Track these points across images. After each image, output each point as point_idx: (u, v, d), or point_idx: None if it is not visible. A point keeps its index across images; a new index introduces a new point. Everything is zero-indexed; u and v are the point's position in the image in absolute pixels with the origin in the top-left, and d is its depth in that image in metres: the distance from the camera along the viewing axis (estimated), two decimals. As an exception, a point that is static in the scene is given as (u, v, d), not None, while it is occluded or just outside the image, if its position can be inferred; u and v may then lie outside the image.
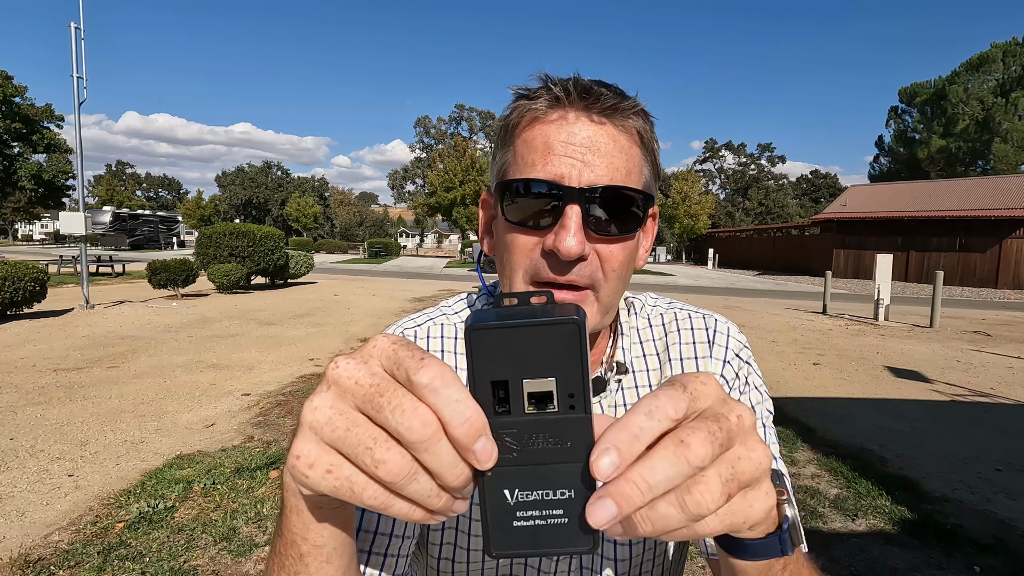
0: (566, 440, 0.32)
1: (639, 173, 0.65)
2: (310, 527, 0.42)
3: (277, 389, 5.47)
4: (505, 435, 0.32)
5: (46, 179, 40.25)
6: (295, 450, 0.33)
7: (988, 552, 2.87)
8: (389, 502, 0.31)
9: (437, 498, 0.31)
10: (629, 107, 0.64)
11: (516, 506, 0.33)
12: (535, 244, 0.62)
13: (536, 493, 0.33)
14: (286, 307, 11.49)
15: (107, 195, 70.21)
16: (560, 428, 0.32)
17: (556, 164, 0.61)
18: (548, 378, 0.32)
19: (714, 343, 0.76)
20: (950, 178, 34.51)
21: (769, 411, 0.75)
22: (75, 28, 9.70)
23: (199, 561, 2.60)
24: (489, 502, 0.33)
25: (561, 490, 0.33)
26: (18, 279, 8.46)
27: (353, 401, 0.32)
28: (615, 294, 0.65)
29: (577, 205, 0.59)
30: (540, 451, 0.32)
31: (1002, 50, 41.61)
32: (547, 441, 0.32)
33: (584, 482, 0.33)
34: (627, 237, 0.64)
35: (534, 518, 0.33)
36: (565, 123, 0.62)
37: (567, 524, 0.33)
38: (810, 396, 5.82)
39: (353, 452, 0.31)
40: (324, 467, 0.32)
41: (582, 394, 0.32)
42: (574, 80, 0.64)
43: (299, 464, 0.32)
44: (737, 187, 66.83)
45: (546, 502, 0.33)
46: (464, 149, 42.52)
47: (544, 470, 0.33)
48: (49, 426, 4.27)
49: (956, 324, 11.91)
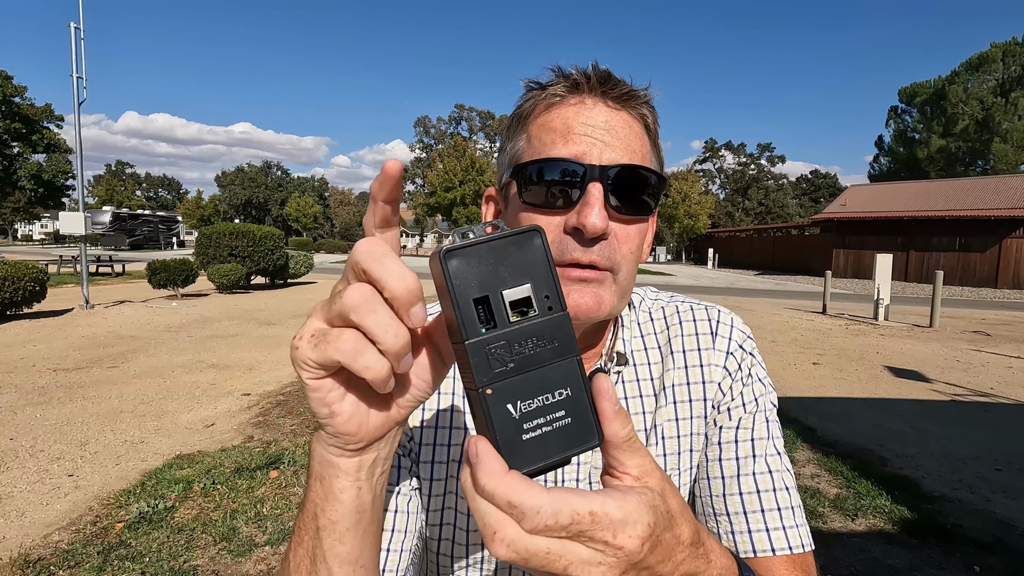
0: (552, 340, 0.34)
1: (650, 160, 0.67)
2: (328, 498, 0.44)
3: (277, 389, 5.47)
4: (497, 348, 0.34)
5: (46, 179, 40.25)
6: (299, 330, 0.37)
7: (988, 552, 2.87)
8: (359, 347, 0.34)
9: (395, 337, 0.34)
10: (641, 97, 0.66)
11: (522, 418, 0.34)
12: (557, 224, 0.62)
13: (537, 400, 0.34)
14: (286, 307, 11.49)
15: (107, 195, 70.20)
16: (544, 329, 0.34)
17: (577, 143, 0.61)
18: (523, 284, 0.34)
19: (717, 334, 0.76)
20: (950, 178, 34.48)
21: (773, 403, 0.74)
22: (75, 28, 9.70)
23: (199, 561, 2.60)
24: (496, 421, 0.34)
25: (559, 390, 0.35)
26: (18, 279, 8.46)
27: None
28: (630, 278, 0.66)
29: (599, 183, 0.60)
30: (531, 356, 0.34)
31: (1002, 50, 41.62)
32: (536, 344, 0.34)
33: (577, 376, 0.35)
34: (642, 219, 0.65)
35: (540, 426, 0.34)
36: (583, 107, 0.63)
37: (571, 424, 0.35)
38: (810, 396, 5.82)
39: (328, 304, 0.36)
40: (310, 333, 0.36)
41: (556, 294, 0.34)
42: (592, 68, 0.65)
43: (294, 341, 0.37)
44: (737, 187, 66.83)
45: (547, 406, 0.35)
46: (464, 149, 42.54)
47: (538, 375, 0.34)
48: (49, 426, 4.27)
49: (956, 324, 11.91)
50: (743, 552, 0.67)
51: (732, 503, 0.68)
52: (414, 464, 0.70)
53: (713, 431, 0.73)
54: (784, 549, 0.65)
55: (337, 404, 0.39)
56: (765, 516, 0.67)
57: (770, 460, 0.70)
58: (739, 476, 0.69)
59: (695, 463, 0.75)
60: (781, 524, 0.67)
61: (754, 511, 0.67)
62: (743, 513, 0.67)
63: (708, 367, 0.75)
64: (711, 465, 0.72)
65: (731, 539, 0.68)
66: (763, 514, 0.67)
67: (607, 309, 0.62)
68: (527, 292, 0.34)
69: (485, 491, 0.33)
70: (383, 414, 0.41)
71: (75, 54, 9.66)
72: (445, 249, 0.33)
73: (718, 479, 0.70)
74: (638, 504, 0.34)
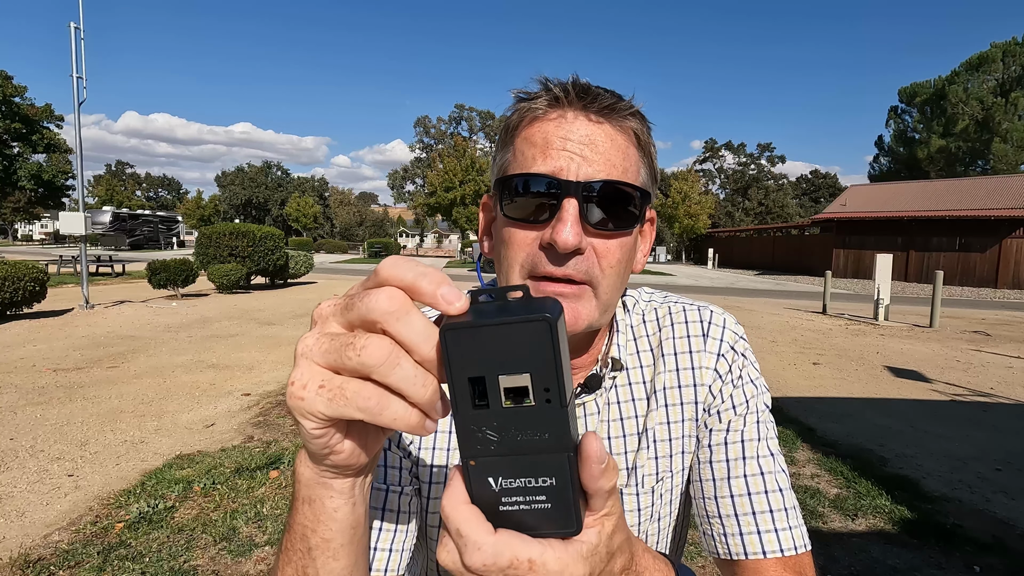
0: (544, 432, 0.33)
1: (636, 172, 0.65)
2: (320, 518, 0.43)
3: (277, 389, 5.47)
4: (485, 427, 0.33)
5: (46, 179, 40.27)
6: (291, 378, 0.35)
7: (988, 552, 2.87)
8: (384, 402, 0.33)
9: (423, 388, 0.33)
10: (626, 108, 0.65)
11: (501, 492, 0.34)
12: (533, 239, 0.62)
13: (519, 480, 0.34)
14: (286, 307, 11.49)
15: (107, 195, 70.12)
16: (538, 420, 0.33)
17: (555, 159, 0.61)
18: (523, 374, 0.32)
19: (708, 336, 0.76)
20: (950, 178, 34.48)
21: (765, 404, 0.74)
22: (75, 28, 9.69)
23: (199, 561, 2.60)
24: (475, 489, 0.34)
25: (543, 478, 0.34)
26: (18, 279, 8.46)
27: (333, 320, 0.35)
28: (613, 291, 0.66)
29: (574, 199, 0.60)
30: (520, 442, 0.33)
31: (1002, 50, 41.60)
32: (526, 432, 0.33)
33: (565, 471, 0.34)
34: (624, 233, 0.64)
35: (519, 503, 0.34)
36: (564, 121, 0.63)
37: (550, 509, 0.34)
38: (810, 396, 5.82)
39: (338, 356, 0.33)
40: (316, 384, 0.34)
41: (557, 388, 0.32)
42: (572, 80, 0.65)
43: (294, 391, 0.34)
44: (737, 187, 66.80)
45: (529, 488, 0.34)
46: (464, 149, 42.51)
47: (525, 459, 0.34)
48: (49, 426, 4.27)
49: (956, 324, 11.91)
50: (735, 555, 0.67)
51: (724, 505, 0.68)
52: (414, 465, 0.70)
53: (704, 433, 0.73)
54: (775, 552, 0.65)
55: (339, 445, 0.38)
56: (756, 519, 0.67)
57: (762, 461, 0.69)
58: (730, 478, 0.69)
59: (687, 465, 0.75)
60: (773, 526, 0.66)
61: (745, 514, 0.67)
62: (734, 516, 0.67)
63: (699, 369, 0.75)
64: (703, 467, 0.72)
65: (724, 542, 0.68)
66: (754, 516, 0.67)
67: (584, 323, 0.62)
68: (525, 382, 0.32)
69: (444, 512, 0.34)
70: (381, 438, 0.42)
71: (75, 54, 9.66)
72: (446, 325, 0.32)
73: (710, 481, 0.70)
74: (576, 557, 0.35)
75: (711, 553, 0.70)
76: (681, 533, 0.81)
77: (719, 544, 0.68)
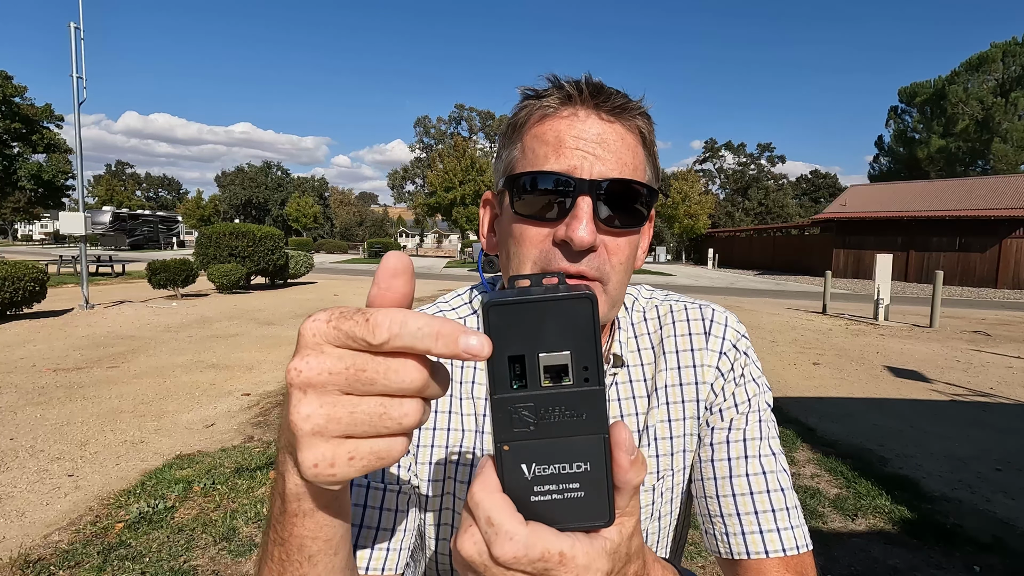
0: (581, 412, 0.33)
1: (644, 171, 0.67)
2: (323, 526, 0.42)
3: (277, 389, 5.47)
4: (522, 409, 0.33)
5: (46, 179, 40.22)
6: (308, 460, 0.33)
7: (988, 552, 2.87)
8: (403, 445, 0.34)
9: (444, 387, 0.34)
10: (635, 108, 0.66)
11: (533, 481, 0.34)
12: (545, 236, 0.63)
13: (553, 467, 0.34)
14: (286, 307, 11.49)
15: (107, 195, 70.15)
16: (576, 400, 0.33)
17: (568, 157, 0.62)
18: (563, 351, 0.32)
19: (710, 334, 0.76)
20: (950, 178, 34.47)
21: (767, 403, 0.74)
22: (75, 28, 9.69)
23: (199, 561, 2.60)
24: (507, 477, 0.34)
25: (577, 463, 0.34)
26: (18, 279, 8.45)
27: (337, 389, 0.32)
28: (621, 287, 0.67)
29: (588, 196, 0.61)
30: (556, 424, 0.33)
31: (1002, 50, 41.59)
32: (563, 414, 0.33)
33: (600, 454, 0.34)
34: (633, 231, 0.65)
35: (551, 492, 0.34)
36: (576, 119, 0.63)
37: (583, 498, 0.34)
38: (810, 396, 5.82)
39: (372, 427, 0.32)
40: (345, 457, 0.33)
41: (596, 367, 0.33)
42: (585, 79, 0.66)
43: (321, 471, 0.33)
44: (737, 187, 66.80)
45: (563, 475, 0.34)
46: (464, 149, 42.50)
47: (561, 443, 0.33)
48: (49, 426, 4.27)
49: (956, 324, 11.91)
50: (737, 554, 0.67)
51: (726, 504, 0.68)
52: (413, 463, 0.70)
53: (706, 432, 0.73)
54: (778, 551, 0.65)
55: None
56: (759, 518, 0.67)
57: (764, 461, 0.69)
58: (732, 477, 0.69)
59: (688, 463, 0.75)
60: (775, 526, 0.66)
61: (747, 513, 0.67)
62: (736, 515, 0.67)
63: (701, 367, 0.75)
64: (704, 466, 0.71)
65: (726, 541, 0.68)
66: (756, 516, 0.67)
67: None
68: (565, 360, 0.32)
69: (473, 499, 0.34)
70: None
71: (75, 54, 9.66)
72: (490, 300, 0.32)
73: (711, 480, 0.70)
74: (600, 552, 0.35)
75: (713, 552, 0.70)
76: (682, 532, 0.81)
77: (721, 543, 0.68)
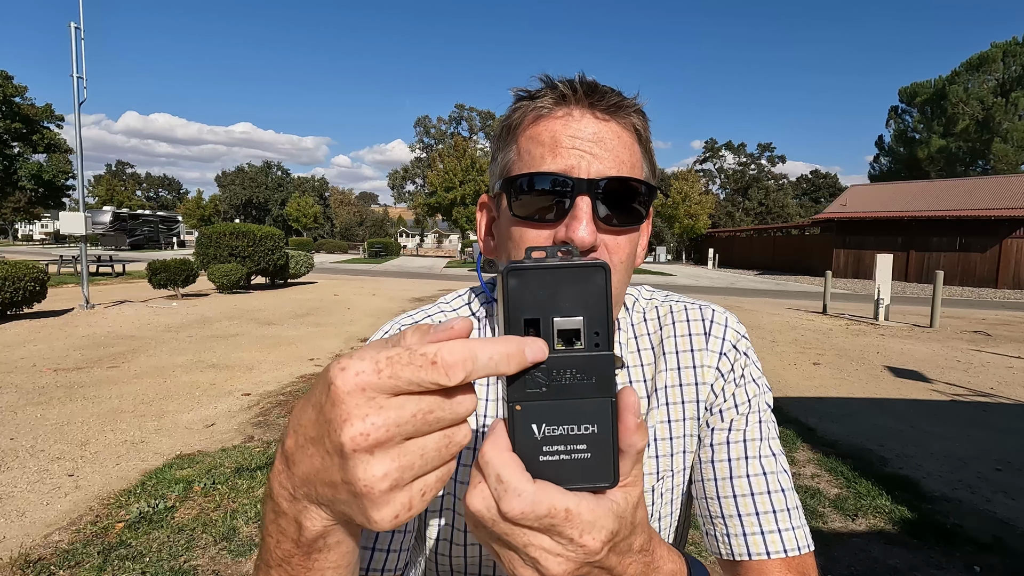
0: (591, 376, 0.35)
1: (641, 168, 0.66)
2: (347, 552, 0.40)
3: (277, 389, 5.47)
4: (535, 371, 0.34)
5: (46, 179, 40.22)
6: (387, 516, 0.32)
7: (988, 552, 2.87)
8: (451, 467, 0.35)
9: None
10: (630, 105, 0.65)
11: (543, 441, 0.35)
12: (546, 237, 0.63)
13: (562, 428, 0.35)
14: (286, 307, 11.49)
15: (107, 195, 70.11)
16: (586, 364, 0.34)
17: (565, 157, 0.61)
18: (577, 317, 0.34)
19: (710, 334, 0.76)
20: (950, 178, 34.45)
21: (768, 404, 0.74)
22: (75, 28, 9.70)
23: (199, 561, 2.60)
24: (518, 436, 0.35)
25: (585, 425, 0.35)
26: (18, 279, 8.46)
27: (403, 438, 0.31)
28: (621, 287, 0.67)
29: (587, 196, 0.60)
30: (567, 386, 0.35)
31: (1002, 50, 41.56)
32: (574, 377, 0.34)
33: (608, 417, 0.35)
34: (632, 229, 0.65)
35: (559, 453, 0.35)
36: (571, 119, 0.63)
37: (589, 459, 0.35)
38: (810, 396, 5.82)
39: (439, 460, 0.33)
40: (419, 496, 0.33)
41: (607, 333, 0.34)
42: (579, 79, 0.65)
43: (401, 518, 0.33)
44: (737, 187, 66.79)
45: (571, 436, 0.35)
46: (464, 149, 42.50)
47: (570, 405, 0.35)
48: (49, 426, 4.27)
49: (956, 324, 11.91)
50: (738, 555, 0.66)
51: (727, 505, 0.68)
52: None
53: (706, 432, 0.73)
54: (779, 552, 0.65)
55: None
56: (760, 519, 0.66)
57: (764, 461, 0.69)
58: (732, 478, 0.69)
59: (689, 464, 0.74)
60: (776, 527, 0.66)
61: (748, 514, 0.67)
62: (737, 516, 0.67)
63: (701, 368, 0.74)
64: (704, 467, 0.71)
65: (727, 542, 0.67)
66: (758, 517, 0.66)
67: None
68: (578, 324, 0.34)
69: (484, 457, 0.35)
70: None
71: (75, 54, 9.66)
72: (509, 266, 0.34)
73: (711, 481, 0.70)
74: (607, 511, 0.36)
75: (714, 553, 0.70)
76: (682, 533, 0.80)
77: (722, 544, 0.68)
